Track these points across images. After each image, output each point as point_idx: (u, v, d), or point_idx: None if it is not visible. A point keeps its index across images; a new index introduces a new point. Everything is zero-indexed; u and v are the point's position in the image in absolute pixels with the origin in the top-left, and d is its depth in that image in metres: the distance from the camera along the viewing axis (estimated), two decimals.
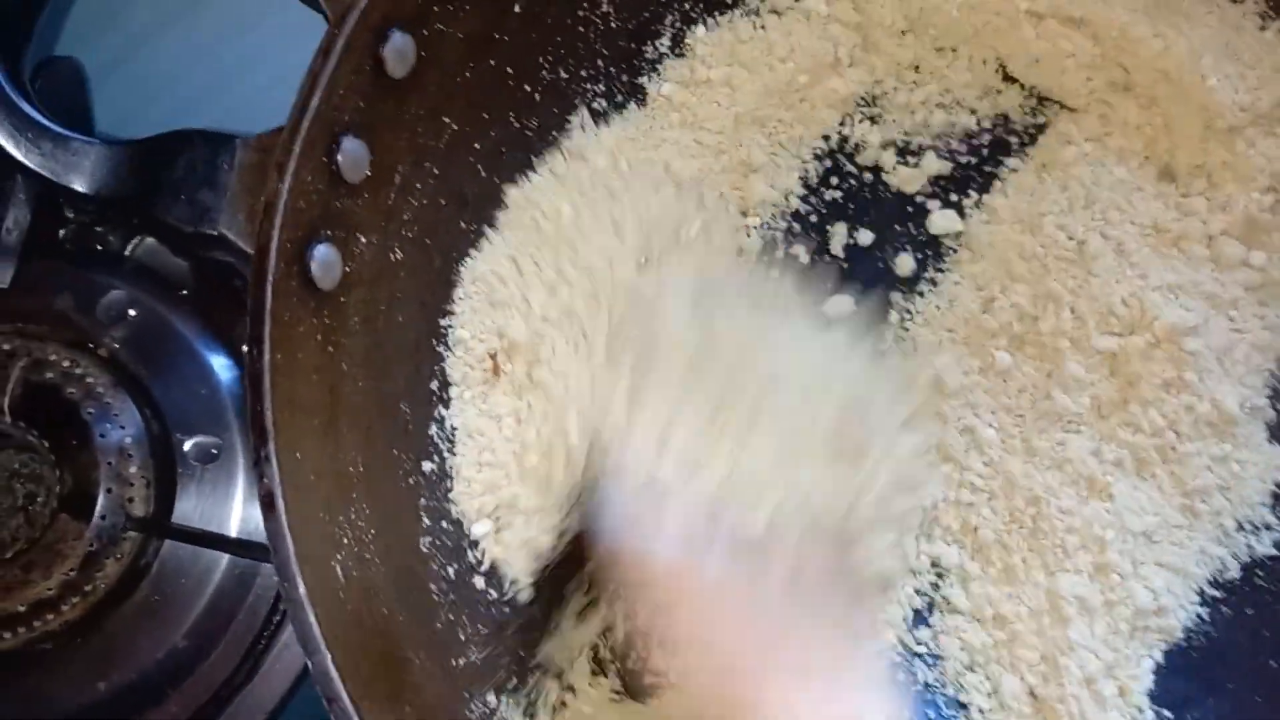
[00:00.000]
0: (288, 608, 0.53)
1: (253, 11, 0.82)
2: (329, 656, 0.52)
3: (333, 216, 0.60)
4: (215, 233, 0.58)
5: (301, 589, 0.53)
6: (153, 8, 0.84)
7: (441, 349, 0.70)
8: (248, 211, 0.58)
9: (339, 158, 0.60)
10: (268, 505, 0.53)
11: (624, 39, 0.74)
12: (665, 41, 0.76)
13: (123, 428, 0.76)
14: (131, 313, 0.79)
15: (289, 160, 0.56)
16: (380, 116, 0.62)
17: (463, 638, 0.66)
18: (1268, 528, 0.72)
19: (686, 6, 0.75)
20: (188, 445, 0.78)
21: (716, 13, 0.76)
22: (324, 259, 0.59)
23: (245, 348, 0.54)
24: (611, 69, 0.75)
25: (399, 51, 0.61)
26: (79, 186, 0.61)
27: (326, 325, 0.60)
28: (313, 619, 0.52)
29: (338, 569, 0.58)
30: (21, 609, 0.73)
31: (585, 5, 0.73)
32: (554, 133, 0.74)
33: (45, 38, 0.82)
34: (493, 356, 0.71)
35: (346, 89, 0.59)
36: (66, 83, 0.80)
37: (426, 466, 0.68)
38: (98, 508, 0.74)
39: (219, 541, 0.76)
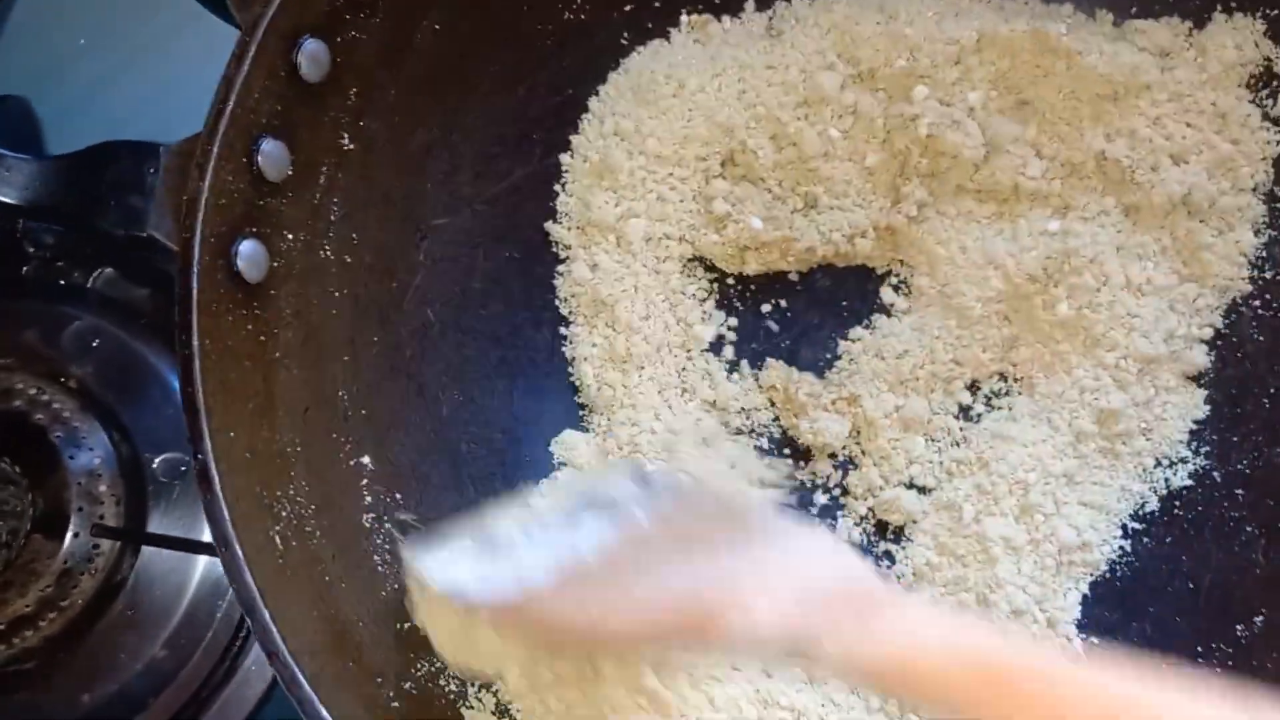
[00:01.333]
0: (227, 573, 0.56)
1: (175, 31, 0.87)
2: (266, 613, 0.55)
3: (257, 214, 0.64)
4: (144, 234, 0.62)
5: (239, 552, 0.56)
6: (94, 46, 0.88)
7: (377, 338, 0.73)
8: (174, 212, 0.61)
9: (259, 158, 0.63)
10: (203, 478, 0.57)
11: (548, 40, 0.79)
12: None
13: (91, 449, 0.80)
14: (96, 342, 0.83)
15: (208, 160, 0.60)
16: (299, 119, 0.66)
17: (408, 606, 0.68)
18: (1183, 461, 0.74)
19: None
20: (156, 463, 0.81)
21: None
22: (250, 254, 0.63)
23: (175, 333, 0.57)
24: (538, 76, 0.79)
25: (312, 57, 0.65)
26: (10, 199, 0.64)
27: (257, 316, 0.64)
28: (250, 580, 0.55)
29: (276, 538, 0.61)
30: (1, 628, 0.76)
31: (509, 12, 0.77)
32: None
33: None
34: None
35: (261, 93, 0.63)
36: (16, 120, 0.84)
37: (366, 459, 0.71)
38: (70, 526, 0.77)
39: (190, 545, 0.79)
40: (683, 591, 0.54)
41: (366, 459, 0.71)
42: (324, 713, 0.55)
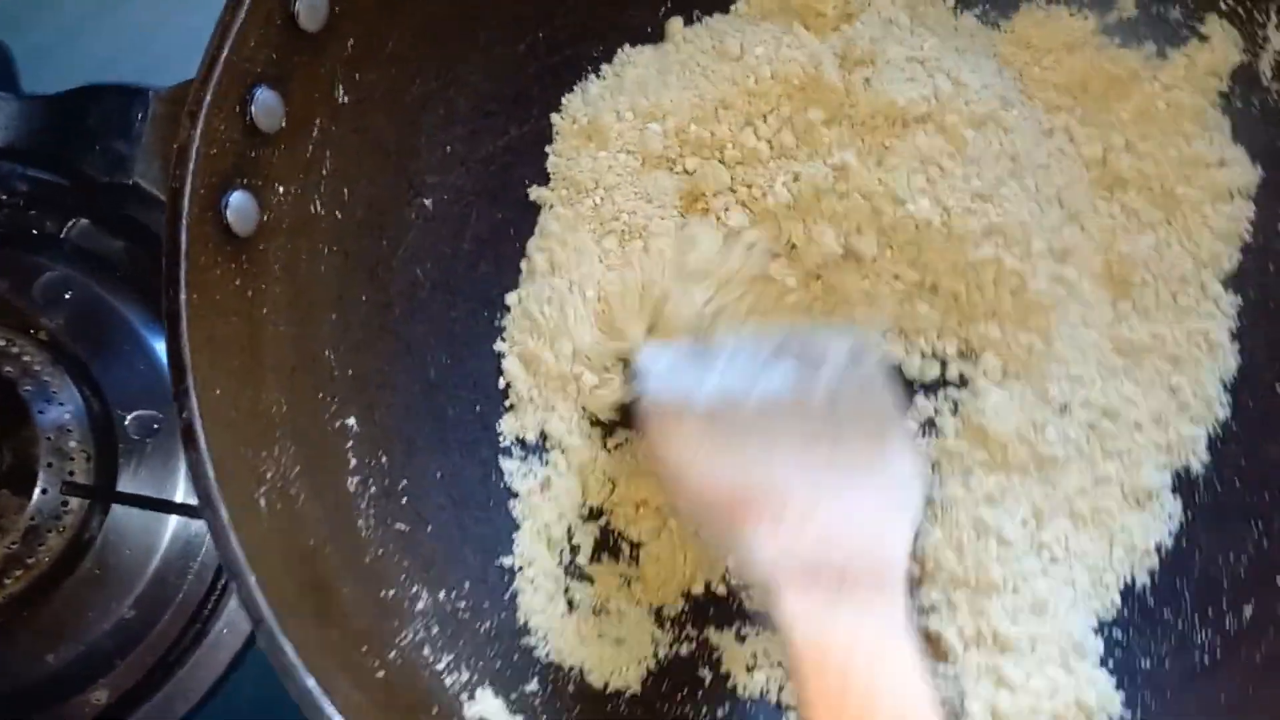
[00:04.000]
0: (212, 536, 0.54)
1: None
2: (252, 578, 0.53)
3: (248, 165, 0.61)
4: (130, 181, 0.60)
5: (224, 515, 0.54)
6: None
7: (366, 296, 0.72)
8: (161, 161, 0.59)
9: (252, 108, 0.61)
10: (187, 436, 0.54)
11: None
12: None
13: (61, 404, 0.77)
14: (68, 294, 0.81)
15: (200, 108, 0.58)
16: (294, 69, 0.63)
17: (392, 571, 0.67)
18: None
19: None
20: (128, 420, 0.79)
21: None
22: (239, 206, 0.60)
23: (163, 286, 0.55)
24: (539, 33, 0.77)
25: (311, 5, 0.63)
26: None
27: (245, 271, 0.61)
28: (235, 544, 0.53)
29: (261, 500, 0.59)
30: None
31: None
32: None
33: None
34: None
35: (258, 41, 0.60)
36: None
37: (351, 420, 0.70)
38: (39, 482, 0.75)
39: (161, 504, 0.77)
40: (753, 479, 0.61)
41: (352, 420, 0.69)
42: (309, 682, 0.54)
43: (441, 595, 0.69)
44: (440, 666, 0.67)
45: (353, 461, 0.69)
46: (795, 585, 0.56)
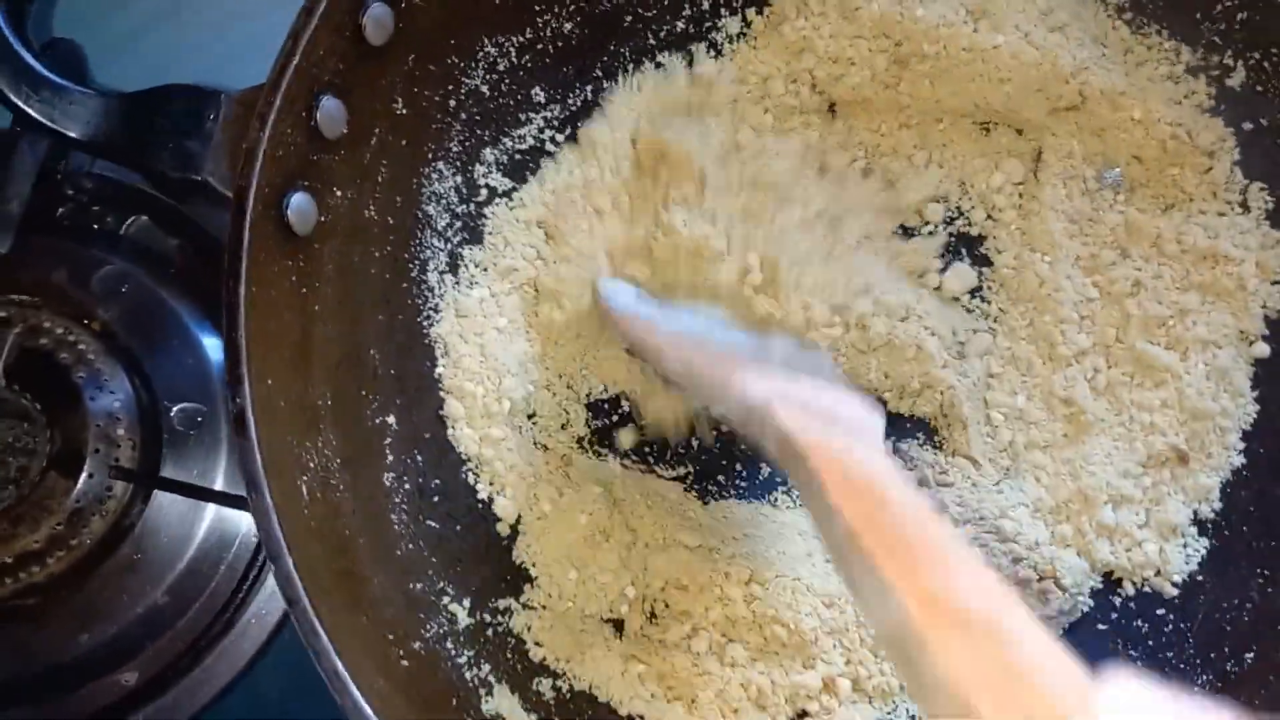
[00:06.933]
0: (255, 518, 0.56)
1: None
2: (291, 561, 0.55)
3: (310, 168, 0.64)
4: (199, 178, 0.62)
5: (268, 497, 0.56)
6: None
7: (411, 301, 0.74)
8: (230, 159, 0.62)
9: (318, 114, 0.64)
10: (238, 422, 0.57)
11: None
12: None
13: (112, 393, 0.80)
14: (124, 287, 0.83)
15: (269, 111, 0.60)
16: (359, 80, 0.66)
17: (421, 566, 0.69)
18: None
19: None
20: (174, 411, 0.81)
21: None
22: (300, 206, 0.63)
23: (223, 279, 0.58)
24: (585, 59, 0.80)
25: (377, 21, 0.66)
26: (73, 133, 0.65)
27: (301, 268, 0.64)
28: (277, 526, 0.56)
29: (303, 488, 0.61)
30: (9, 560, 0.76)
31: None
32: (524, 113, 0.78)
33: (46, 20, 0.87)
34: None
35: (326, 51, 0.63)
36: (66, 62, 0.84)
37: (390, 418, 0.72)
38: (85, 466, 0.78)
39: (201, 492, 0.79)
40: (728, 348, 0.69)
41: (392, 419, 0.72)
42: (339, 665, 0.56)
43: (465, 593, 0.71)
44: (461, 660, 0.69)
45: (390, 458, 0.71)
46: (789, 408, 0.59)
